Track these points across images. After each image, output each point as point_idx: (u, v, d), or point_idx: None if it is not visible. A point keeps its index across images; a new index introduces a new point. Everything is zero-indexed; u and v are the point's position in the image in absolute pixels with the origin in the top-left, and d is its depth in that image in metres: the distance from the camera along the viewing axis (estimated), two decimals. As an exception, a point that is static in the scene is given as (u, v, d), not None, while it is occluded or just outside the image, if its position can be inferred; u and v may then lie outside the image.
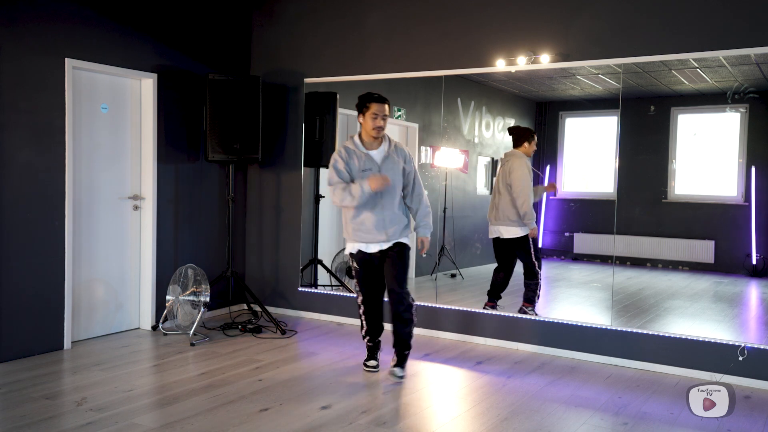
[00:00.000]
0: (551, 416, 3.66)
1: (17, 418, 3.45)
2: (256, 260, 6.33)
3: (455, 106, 5.96)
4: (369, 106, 4.12)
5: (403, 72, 5.51)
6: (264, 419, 3.51)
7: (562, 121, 6.32)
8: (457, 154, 6.07)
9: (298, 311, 6.12)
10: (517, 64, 5.02)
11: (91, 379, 4.11)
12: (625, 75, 4.87)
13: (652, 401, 3.94)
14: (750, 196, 5.99)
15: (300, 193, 6.04)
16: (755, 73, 5.23)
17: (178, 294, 5.16)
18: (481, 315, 5.21)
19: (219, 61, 5.95)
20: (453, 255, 6.14)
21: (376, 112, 4.10)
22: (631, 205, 6.16)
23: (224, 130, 5.40)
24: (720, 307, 5.62)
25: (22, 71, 4.46)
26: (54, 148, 4.65)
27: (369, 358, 4.44)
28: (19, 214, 4.47)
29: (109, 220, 5.18)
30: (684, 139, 6.15)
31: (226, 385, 4.06)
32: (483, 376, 4.38)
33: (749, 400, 3.99)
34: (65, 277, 4.73)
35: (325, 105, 5.88)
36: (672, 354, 4.50)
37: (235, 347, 4.94)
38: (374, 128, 4.12)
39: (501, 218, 5.26)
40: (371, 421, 3.51)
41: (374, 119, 4.11)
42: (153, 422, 3.43)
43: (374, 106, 4.11)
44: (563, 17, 4.87)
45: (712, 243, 6.17)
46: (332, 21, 5.86)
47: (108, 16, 5.00)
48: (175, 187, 5.59)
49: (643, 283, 6.11)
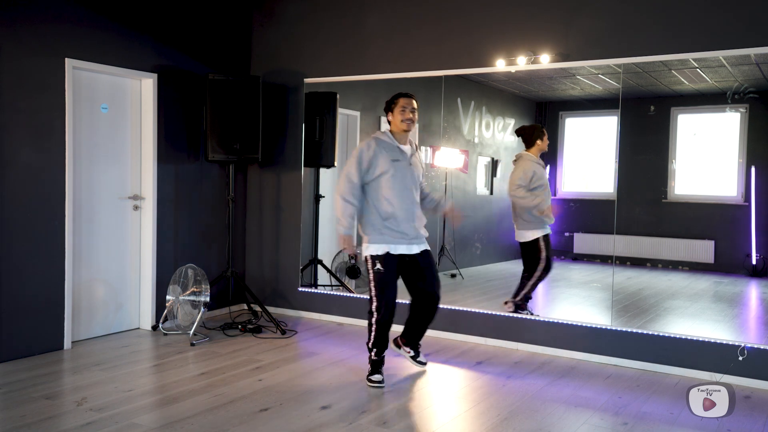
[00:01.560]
0: (551, 416, 3.66)
1: (17, 418, 3.45)
2: (256, 260, 6.33)
3: (455, 106, 5.96)
4: (397, 102, 4.14)
5: (403, 72, 5.51)
6: (264, 419, 3.51)
7: (562, 121, 6.32)
8: (457, 154, 6.07)
9: (298, 311, 6.12)
10: (517, 64, 5.02)
11: (91, 379, 4.11)
12: (625, 75, 4.87)
13: (652, 401, 3.94)
14: (750, 196, 5.99)
15: (300, 193, 6.04)
16: (755, 73, 5.23)
17: (178, 294, 5.16)
18: (481, 315, 5.21)
19: (219, 61, 5.95)
20: (453, 255, 6.14)
21: (404, 105, 4.12)
22: (631, 205, 6.16)
23: (224, 130, 5.40)
24: (720, 307, 5.62)
25: (22, 71, 4.46)
26: (54, 148, 4.65)
27: (374, 372, 4.15)
28: (19, 214, 4.47)
29: (109, 220, 5.18)
30: (684, 139, 6.15)
31: (226, 385, 4.06)
32: (483, 376, 4.38)
33: (749, 400, 3.99)
34: (65, 277, 4.73)
35: (325, 105, 5.88)
36: (672, 354, 4.50)
37: (235, 347, 4.94)
38: (403, 120, 4.11)
39: (517, 222, 5.28)
40: (371, 421, 3.51)
41: (403, 112, 4.11)
42: (153, 422, 3.43)
43: (402, 100, 4.14)
44: (563, 17, 4.87)
45: (711, 243, 6.17)
46: (332, 21, 5.86)
47: (108, 16, 5.00)
48: (175, 187, 5.59)
49: (643, 283, 6.11)
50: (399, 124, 4.13)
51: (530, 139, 5.30)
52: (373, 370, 4.16)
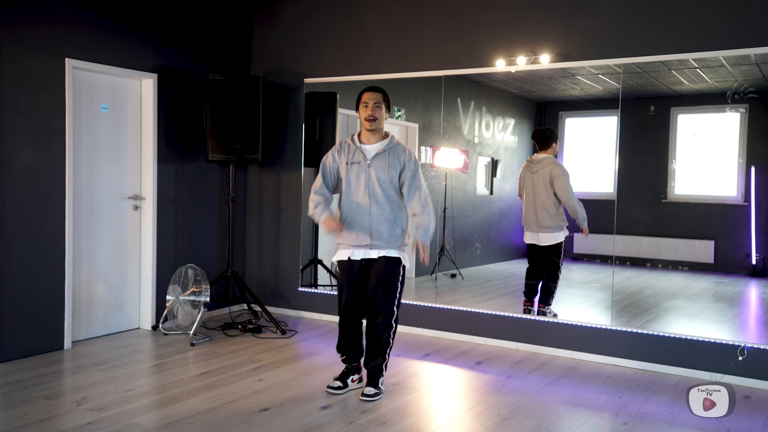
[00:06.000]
0: (551, 416, 3.66)
1: (17, 418, 3.45)
2: (256, 260, 6.33)
3: (455, 106, 5.96)
4: (360, 97, 3.86)
5: (403, 72, 5.51)
6: (264, 419, 3.51)
7: (561, 121, 6.32)
8: (457, 154, 6.07)
9: (298, 311, 6.12)
10: (517, 64, 5.03)
11: (91, 379, 4.11)
12: (624, 75, 4.87)
13: (652, 401, 3.94)
14: (750, 196, 5.99)
15: (300, 193, 6.04)
16: (755, 73, 5.23)
17: (178, 294, 5.16)
18: (481, 315, 5.22)
19: (219, 61, 5.95)
20: (453, 255, 6.15)
21: (366, 101, 3.82)
22: (631, 205, 6.15)
23: (224, 130, 5.40)
24: (720, 307, 5.62)
25: (22, 71, 4.46)
26: (54, 148, 4.65)
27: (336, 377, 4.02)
28: (20, 214, 4.47)
29: (109, 220, 5.18)
30: (684, 139, 6.15)
31: (226, 385, 4.06)
32: (483, 376, 4.38)
33: (749, 400, 3.99)
34: (65, 277, 4.73)
35: (325, 105, 5.88)
36: (672, 354, 4.50)
37: (235, 347, 4.94)
38: (365, 119, 3.81)
39: (542, 225, 5.25)
40: (371, 421, 3.51)
41: (364, 108, 3.82)
42: (153, 422, 3.43)
43: (364, 95, 3.84)
44: (563, 17, 4.87)
45: (711, 243, 6.16)
46: (332, 21, 5.86)
47: (108, 16, 5.00)
48: (175, 187, 5.59)
49: (642, 283, 6.11)
50: (362, 122, 3.85)
51: (548, 142, 5.30)
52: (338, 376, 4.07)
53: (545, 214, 5.23)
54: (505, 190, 6.41)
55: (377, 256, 3.85)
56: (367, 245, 3.85)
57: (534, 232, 5.31)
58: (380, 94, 3.86)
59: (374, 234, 3.84)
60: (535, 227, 5.30)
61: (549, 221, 5.22)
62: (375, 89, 3.87)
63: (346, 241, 3.91)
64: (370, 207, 3.84)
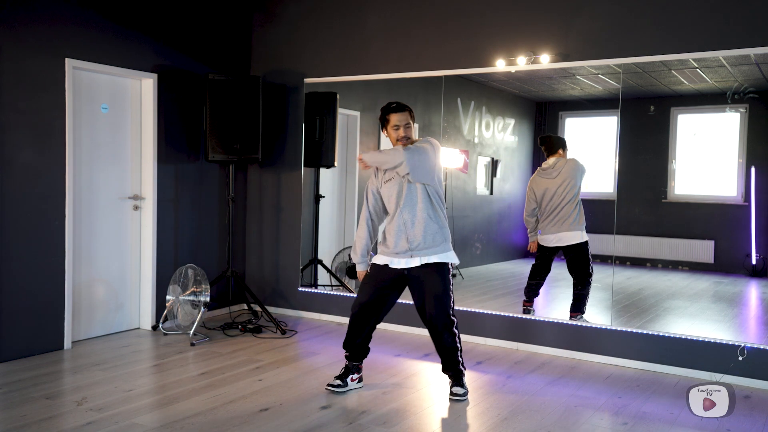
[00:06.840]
0: (551, 416, 3.66)
1: (17, 418, 3.45)
2: (256, 260, 6.33)
3: (455, 106, 5.96)
4: (389, 119, 3.84)
5: (403, 72, 5.51)
6: (264, 419, 3.51)
7: (561, 121, 6.31)
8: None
9: (298, 311, 6.12)
10: (517, 64, 5.03)
11: (91, 379, 4.11)
12: (624, 75, 4.87)
13: (652, 401, 3.94)
14: (750, 196, 5.99)
15: (300, 193, 6.04)
16: (755, 73, 5.23)
17: (178, 294, 5.16)
18: (481, 315, 5.22)
19: (219, 61, 5.95)
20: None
21: (396, 124, 3.81)
22: (630, 205, 6.15)
23: (224, 130, 5.40)
24: (720, 307, 5.62)
25: (22, 71, 4.46)
26: (54, 148, 4.65)
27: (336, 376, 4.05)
28: (19, 214, 4.47)
29: (109, 220, 5.18)
30: (684, 139, 6.15)
31: (226, 385, 4.06)
32: (483, 376, 4.38)
33: (749, 400, 3.99)
34: (65, 277, 4.73)
35: (325, 105, 5.88)
36: (672, 354, 4.50)
37: (235, 347, 4.94)
38: (398, 140, 3.82)
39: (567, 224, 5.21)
40: (371, 421, 3.51)
41: (396, 131, 3.82)
42: (153, 422, 3.43)
43: (393, 118, 3.82)
44: (563, 17, 4.87)
45: (711, 243, 6.16)
46: (332, 21, 5.86)
47: (108, 16, 5.00)
48: (175, 187, 5.59)
49: (642, 283, 6.10)
50: (395, 144, 3.87)
51: (555, 147, 5.30)
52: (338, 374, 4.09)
53: (572, 212, 5.19)
54: (505, 190, 6.41)
55: (419, 263, 3.82)
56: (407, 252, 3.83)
57: (554, 233, 5.23)
58: (407, 112, 3.86)
59: (414, 241, 3.82)
60: (556, 229, 5.23)
61: (576, 219, 5.19)
62: (401, 108, 3.84)
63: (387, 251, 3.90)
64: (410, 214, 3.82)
